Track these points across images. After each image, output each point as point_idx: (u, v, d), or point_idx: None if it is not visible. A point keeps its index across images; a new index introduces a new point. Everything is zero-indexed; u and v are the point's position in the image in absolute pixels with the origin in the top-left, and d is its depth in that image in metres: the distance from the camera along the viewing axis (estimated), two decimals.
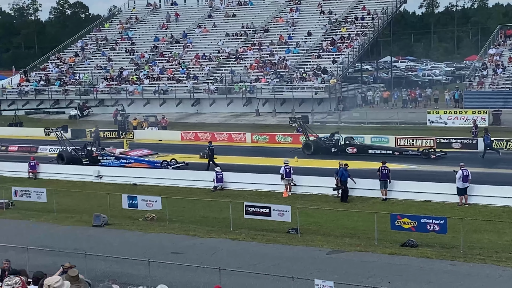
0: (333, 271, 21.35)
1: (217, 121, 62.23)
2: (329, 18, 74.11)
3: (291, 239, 25.99)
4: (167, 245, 25.85)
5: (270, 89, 64.68)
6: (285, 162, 34.70)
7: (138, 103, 69.07)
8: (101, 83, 73.11)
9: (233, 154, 45.75)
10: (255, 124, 58.65)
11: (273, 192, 34.27)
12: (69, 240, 26.70)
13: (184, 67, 72.26)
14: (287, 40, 72.20)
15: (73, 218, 30.85)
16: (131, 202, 31.21)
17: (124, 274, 20.75)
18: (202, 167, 40.12)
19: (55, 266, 20.53)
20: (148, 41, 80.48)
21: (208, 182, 36.12)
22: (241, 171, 37.59)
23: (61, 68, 78.75)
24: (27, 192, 34.30)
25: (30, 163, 41.52)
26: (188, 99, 67.96)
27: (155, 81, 71.07)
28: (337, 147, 43.97)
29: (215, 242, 26.11)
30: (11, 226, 29.79)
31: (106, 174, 39.59)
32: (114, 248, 24.83)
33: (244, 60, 71.11)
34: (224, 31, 77.51)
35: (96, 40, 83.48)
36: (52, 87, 74.39)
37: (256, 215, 28.37)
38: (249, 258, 23.59)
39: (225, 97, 66.43)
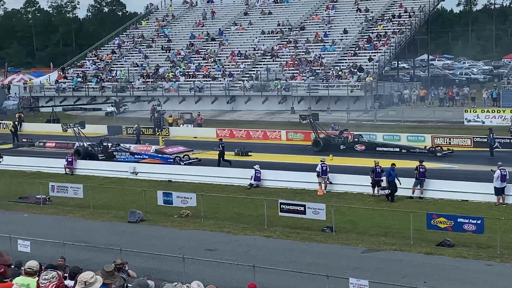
0: (368, 270, 21.23)
1: (252, 119, 62.24)
2: (366, 15, 73.71)
3: (326, 237, 25.91)
4: (202, 242, 25.92)
5: (306, 87, 64.52)
6: (321, 160, 34.60)
7: (174, 100, 69.36)
8: (137, 80, 73.56)
9: (268, 151, 45.73)
10: (290, 121, 58.53)
11: (308, 190, 34.17)
12: (105, 236, 26.91)
13: (219, 65, 72.40)
14: (323, 38, 71.96)
15: (109, 214, 31.08)
16: (166, 198, 31.34)
17: (159, 270, 20.85)
18: (223, 164, 40.22)
19: (91, 261, 20.75)
20: (184, 39, 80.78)
21: (243, 180, 36.14)
22: (276, 169, 37.56)
23: (98, 65, 79.39)
24: (64, 187, 34.63)
25: (68, 158, 41.90)
26: (223, 97, 68.09)
27: (190, 79, 71.30)
28: (346, 144, 44.54)
29: (249, 239, 26.12)
30: (48, 221, 30.12)
31: (142, 170, 39.82)
32: (149, 244, 24.96)
33: (279, 58, 71.03)
34: (260, 29, 77.50)
35: (132, 37, 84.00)
36: (89, 84, 75.05)
37: (290, 212, 28.32)
38: (283, 256, 23.56)
39: (261, 95, 66.42)
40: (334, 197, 32.63)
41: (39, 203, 33.47)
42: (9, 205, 33.81)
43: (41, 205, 33.27)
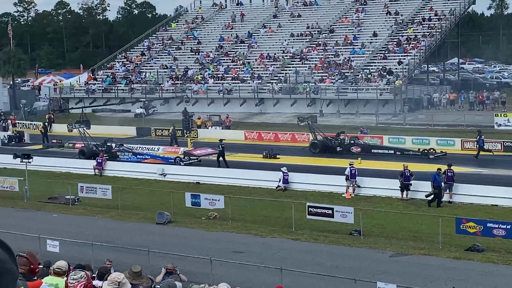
0: (396, 274, 21.11)
1: (280, 121, 62.19)
2: (396, 19, 73.34)
3: (354, 240, 25.81)
4: (229, 244, 25.94)
5: (335, 89, 64.33)
6: (350, 163, 34.49)
7: (203, 102, 69.51)
8: (166, 82, 73.82)
9: (296, 154, 45.65)
10: (319, 124, 58.23)
11: (336, 193, 34.07)
12: (133, 237, 27.04)
13: (248, 67, 72.45)
14: (352, 41, 71.73)
15: (137, 215, 31.21)
16: (194, 200, 31.44)
17: (186, 271, 20.88)
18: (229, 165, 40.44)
19: (118, 261, 20.83)
20: (213, 41, 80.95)
21: (270, 182, 36.10)
22: (304, 172, 37.48)
23: (128, 67, 79.81)
24: (93, 188, 34.88)
25: (97, 160, 42.16)
26: (252, 99, 68.11)
27: (219, 81, 71.42)
28: (342, 146, 45.37)
29: (277, 242, 26.10)
30: (77, 221, 30.32)
31: (170, 172, 39.95)
32: (176, 246, 25.03)
33: (308, 61, 70.92)
34: (289, 31, 77.44)
35: (162, 39, 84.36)
36: (119, 86, 75.50)
37: (318, 216, 28.27)
38: (311, 259, 23.50)
39: (289, 97, 66.34)
40: (362, 200, 32.50)
41: (68, 204, 33.73)
42: (38, 205, 34.11)
43: (70, 205, 33.52)
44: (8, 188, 37.22)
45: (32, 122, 63.42)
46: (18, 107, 74.53)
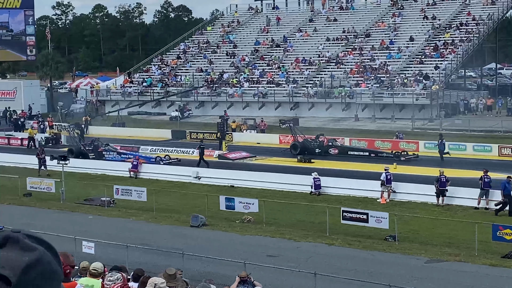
0: (430, 281, 20.93)
1: (315, 125, 61.99)
2: (433, 23, 72.79)
3: (389, 246, 25.64)
4: (263, 247, 25.92)
5: (370, 94, 64.02)
6: (385, 169, 34.29)
7: (238, 106, 69.62)
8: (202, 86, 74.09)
9: (331, 159, 45.48)
10: (354, 129, 58.18)
11: (371, 198, 33.89)
12: (167, 239, 27.14)
13: (284, 71, 72.42)
14: (388, 45, 71.34)
15: (172, 218, 31.33)
16: (229, 203, 31.50)
17: (220, 275, 20.91)
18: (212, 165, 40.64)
19: (153, 264, 20.93)
20: (249, 45, 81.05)
21: (305, 186, 36.02)
22: (338, 176, 37.35)
23: (164, 70, 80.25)
24: (128, 190, 35.12)
25: (133, 162, 42.44)
26: (287, 103, 68.04)
27: (254, 84, 71.47)
28: (321, 148, 46.86)
29: (311, 246, 26.02)
30: (112, 223, 30.54)
31: (205, 175, 40.06)
32: (210, 249, 25.08)
33: (344, 65, 70.68)
34: (325, 36, 77.25)
35: (198, 43, 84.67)
36: (154, 89, 75.91)
37: (353, 220, 28.14)
38: (345, 264, 23.40)
39: (324, 102, 66.17)
40: (397, 206, 32.28)
41: (103, 205, 33.97)
42: (74, 206, 34.42)
43: (105, 207, 33.76)
44: (45, 189, 37.63)
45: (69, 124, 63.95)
46: (55, 109, 75.30)
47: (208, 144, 51.78)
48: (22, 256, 2.00)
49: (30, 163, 45.49)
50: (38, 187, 37.98)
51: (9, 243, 2.03)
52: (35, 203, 35.36)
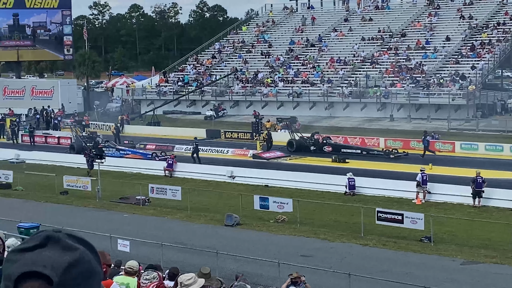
0: (466, 283, 20.74)
1: (350, 125, 61.80)
2: (469, 23, 72.08)
3: (424, 247, 25.45)
4: (297, 247, 25.90)
5: (406, 94, 63.59)
6: (421, 169, 34.04)
7: (272, 106, 69.62)
8: (236, 85, 74.24)
9: (366, 159, 45.28)
10: (389, 129, 57.82)
11: (406, 199, 33.67)
12: (202, 238, 27.23)
13: (318, 71, 72.27)
14: (424, 45, 70.81)
15: (206, 217, 31.42)
16: (263, 203, 31.50)
17: (254, 274, 20.94)
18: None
19: (188, 262, 21.02)
20: (283, 44, 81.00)
21: (339, 186, 35.90)
22: (373, 176, 37.17)
23: (199, 69, 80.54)
24: (163, 189, 35.28)
25: (168, 161, 42.64)
26: (321, 103, 67.87)
27: (289, 84, 71.43)
28: (316, 145, 48.00)
29: (345, 246, 25.94)
30: (147, 222, 30.72)
31: (239, 174, 40.11)
32: (244, 248, 25.11)
33: (379, 65, 70.31)
34: (360, 35, 76.92)
35: (233, 42, 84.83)
36: (189, 88, 76.23)
37: (388, 221, 27.98)
38: (379, 265, 23.28)
39: (359, 101, 65.89)
40: (433, 207, 32.01)
41: (138, 204, 34.18)
42: (110, 205, 34.69)
43: (140, 205, 33.97)
44: (81, 187, 37.99)
45: (105, 123, 64.56)
46: (91, 108, 76.03)
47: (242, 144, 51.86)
48: (64, 256, 2.02)
49: (67, 162, 46.04)
50: (75, 185, 38.34)
51: (51, 243, 2.05)
52: (72, 201, 35.72)
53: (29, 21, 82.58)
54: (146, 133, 60.73)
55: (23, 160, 48.23)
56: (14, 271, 1.99)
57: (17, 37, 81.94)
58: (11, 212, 30.44)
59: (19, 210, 32.02)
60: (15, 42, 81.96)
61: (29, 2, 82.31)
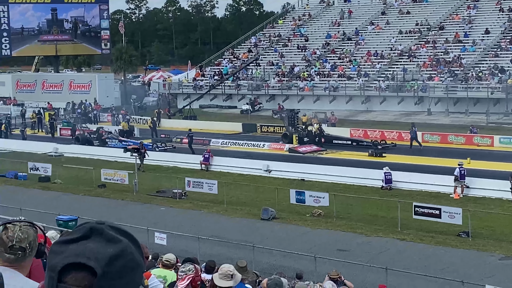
0: (506, 278, 20.51)
1: (387, 119, 61.43)
2: (509, 15, 71.15)
3: (462, 242, 25.22)
4: (334, 242, 25.84)
5: (444, 88, 63.00)
6: (459, 164, 33.69)
7: (308, 100, 69.46)
8: (272, 79, 74.18)
9: (403, 153, 44.96)
10: (426, 123, 57.34)
11: (443, 193, 33.37)
12: (238, 232, 27.28)
13: (355, 64, 71.93)
14: (463, 38, 70.08)
15: (242, 211, 31.47)
16: (299, 197, 31.44)
17: (291, 268, 20.91)
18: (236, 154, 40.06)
19: (224, 256, 21.08)
20: (320, 38, 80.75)
21: (376, 181, 35.70)
22: (410, 171, 36.90)
23: (235, 63, 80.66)
24: (200, 183, 35.40)
25: (205, 155, 42.75)
26: (358, 97, 67.55)
27: (325, 78, 71.20)
28: (310, 137, 49.55)
29: (382, 241, 25.81)
30: (184, 215, 30.86)
31: (275, 168, 40.09)
32: (281, 242, 25.10)
33: (417, 58, 69.75)
34: (397, 29, 76.37)
35: (269, 36, 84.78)
36: (226, 82, 76.36)
37: (425, 216, 27.77)
38: (417, 260, 23.13)
39: (396, 95, 65.44)
40: (471, 201, 31.68)
41: (175, 197, 34.34)
42: (147, 198, 34.90)
43: (177, 199, 34.12)
44: (118, 181, 38.29)
45: (142, 117, 64.97)
46: (128, 102, 76.55)
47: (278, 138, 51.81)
48: (107, 248, 2.04)
49: (104, 155, 46.45)
50: (112, 178, 38.65)
51: (94, 235, 2.07)
52: (109, 194, 36.01)
53: (67, 15, 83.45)
54: (183, 127, 60.89)
55: (61, 153, 48.75)
56: (58, 263, 2.01)
57: (55, 32, 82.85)
58: (50, 205, 30.80)
59: (58, 203, 32.39)
60: (54, 36, 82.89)
61: None
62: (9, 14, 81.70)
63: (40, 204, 30.23)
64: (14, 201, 29.94)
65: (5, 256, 3.74)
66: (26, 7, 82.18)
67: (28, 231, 3.84)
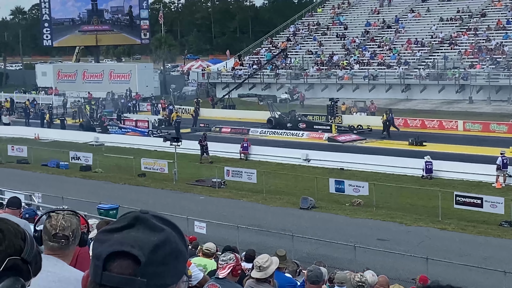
0: None
1: (427, 108, 60.89)
2: None
3: (504, 232, 24.94)
4: (373, 231, 25.73)
5: (485, 75, 62.20)
6: (501, 153, 33.27)
7: (348, 88, 69.11)
8: (311, 68, 73.93)
9: (444, 142, 44.53)
10: (468, 112, 56.72)
11: (485, 182, 32.99)
12: (277, 221, 27.31)
13: (395, 53, 71.32)
14: (505, 25, 69.04)
15: (281, 200, 31.49)
16: (338, 186, 31.36)
17: (330, 257, 20.87)
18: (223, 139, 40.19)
19: (263, 245, 21.11)
20: (359, 26, 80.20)
21: (416, 170, 35.42)
22: (451, 160, 36.54)
23: (273, 52, 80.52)
24: (239, 172, 35.51)
25: (243, 144, 42.80)
26: (398, 85, 67.01)
27: (365, 67, 70.76)
28: (292, 122, 51.93)
29: (422, 230, 25.65)
30: (223, 204, 30.97)
31: (314, 157, 40.00)
32: (320, 231, 25.07)
33: (458, 46, 68.93)
34: (438, 16, 75.51)
35: (308, 25, 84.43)
36: (264, 71, 76.30)
37: (466, 205, 27.51)
38: (458, 249, 22.94)
39: (437, 84, 64.76)
40: None
41: (214, 187, 34.48)
42: (186, 187, 35.10)
43: (216, 188, 34.25)
44: (158, 170, 38.56)
45: (181, 106, 65.22)
46: (168, 91, 76.93)
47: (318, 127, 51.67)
48: (151, 236, 2.05)
49: (144, 144, 46.82)
50: (152, 167, 38.94)
51: (138, 224, 2.08)
52: (149, 183, 36.29)
53: (107, 6, 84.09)
54: (222, 116, 61.10)
55: (102, 142, 49.22)
56: (103, 251, 2.03)
57: (95, 22, 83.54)
58: (91, 193, 31.14)
59: (99, 191, 32.73)
60: (94, 26, 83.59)
61: None
62: (50, 5, 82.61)
63: (81, 193, 30.57)
64: (56, 190, 30.32)
65: (49, 244, 3.78)
66: None
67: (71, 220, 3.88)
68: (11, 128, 57.00)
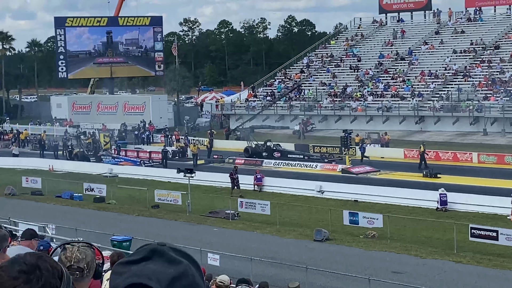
0: None
1: (441, 140, 60.71)
2: None
3: None
4: (388, 263, 25.52)
5: (500, 107, 62.07)
6: None
7: (361, 120, 69.11)
8: (325, 99, 74.02)
9: (459, 174, 44.30)
10: (482, 143, 56.51)
11: (500, 215, 32.73)
12: (291, 253, 27.16)
13: (408, 84, 71.35)
14: None
15: (295, 232, 31.34)
16: (352, 218, 31.21)
17: None
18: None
19: (277, 277, 20.99)
20: (372, 58, 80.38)
21: (431, 202, 35.22)
22: (466, 192, 36.32)
23: (287, 84, 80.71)
24: (252, 204, 35.43)
25: (256, 176, 42.74)
26: (412, 117, 66.95)
27: (378, 98, 70.79)
28: (268, 151, 54.03)
29: (438, 263, 25.42)
30: (237, 236, 30.85)
31: (328, 189, 39.88)
32: (334, 264, 24.91)
33: (472, 78, 68.90)
34: (451, 48, 75.60)
35: (321, 56, 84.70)
36: (278, 103, 76.41)
37: (482, 238, 27.28)
38: (474, 282, 22.72)
39: (451, 115, 64.65)
40: None
41: (228, 218, 34.39)
42: (200, 218, 35.02)
43: (230, 220, 34.15)
44: (171, 201, 38.54)
45: (195, 138, 65.33)
46: (181, 123, 77.14)
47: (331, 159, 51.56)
48: (168, 269, 2.03)
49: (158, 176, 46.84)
50: (165, 199, 38.92)
51: (156, 256, 2.06)
52: (163, 215, 36.24)
53: (121, 38, 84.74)
54: (235, 147, 61.07)
55: (116, 174, 49.31)
56: (120, 283, 2.01)
57: (110, 54, 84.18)
58: (104, 225, 31.11)
59: (113, 223, 32.71)
60: (109, 59, 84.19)
61: (122, 20, 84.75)
62: (65, 38, 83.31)
63: (95, 225, 30.55)
64: (70, 221, 30.32)
65: None
66: (82, 30, 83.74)
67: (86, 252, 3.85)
68: (25, 160, 57.18)
